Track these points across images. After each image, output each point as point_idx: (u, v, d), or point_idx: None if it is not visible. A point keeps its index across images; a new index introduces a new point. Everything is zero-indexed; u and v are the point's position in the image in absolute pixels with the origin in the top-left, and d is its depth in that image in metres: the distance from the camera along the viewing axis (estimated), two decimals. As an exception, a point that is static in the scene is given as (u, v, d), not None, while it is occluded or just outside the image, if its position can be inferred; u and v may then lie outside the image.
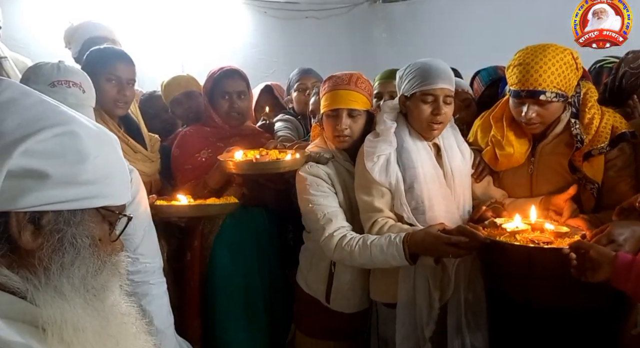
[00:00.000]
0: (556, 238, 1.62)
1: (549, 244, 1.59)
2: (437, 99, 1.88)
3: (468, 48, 4.67)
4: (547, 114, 1.82)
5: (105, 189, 0.83)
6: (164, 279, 2.15)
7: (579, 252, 1.50)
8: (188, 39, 4.62)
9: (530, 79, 1.76)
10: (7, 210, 0.74)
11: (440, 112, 1.88)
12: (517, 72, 1.81)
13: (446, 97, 1.89)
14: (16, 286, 0.75)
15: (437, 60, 1.93)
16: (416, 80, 1.89)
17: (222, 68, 2.46)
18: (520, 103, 1.83)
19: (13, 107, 0.78)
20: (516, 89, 1.82)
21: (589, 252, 1.47)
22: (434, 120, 1.89)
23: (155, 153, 2.37)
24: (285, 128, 2.77)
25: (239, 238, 2.39)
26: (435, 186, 1.92)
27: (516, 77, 1.81)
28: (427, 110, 1.89)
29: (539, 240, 1.60)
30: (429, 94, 1.87)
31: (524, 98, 1.81)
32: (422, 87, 1.87)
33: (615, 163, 1.81)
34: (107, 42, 2.68)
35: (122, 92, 2.15)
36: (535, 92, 1.77)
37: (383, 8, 5.82)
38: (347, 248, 1.85)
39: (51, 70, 1.78)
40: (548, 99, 1.77)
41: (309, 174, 2.00)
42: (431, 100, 1.88)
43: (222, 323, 2.38)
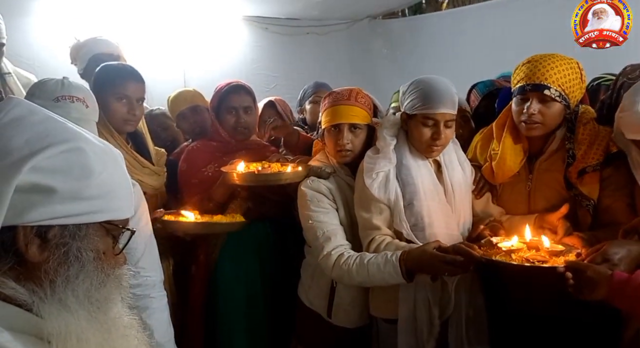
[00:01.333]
0: (551, 256, 1.63)
1: (545, 263, 1.60)
2: (438, 123, 1.88)
3: (467, 64, 4.71)
4: (549, 114, 1.84)
5: (110, 204, 0.86)
6: (164, 292, 2.15)
7: (575, 271, 1.51)
8: (190, 54, 4.66)
9: (537, 73, 1.81)
10: (14, 224, 0.76)
11: (440, 137, 1.89)
12: (524, 69, 1.86)
13: (447, 122, 1.90)
14: (22, 298, 0.77)
15: (441, 81, 1.91)
16: (418, 102, 1.89)
17: (229, 83, 2.50)
18: (524, 100, 1.86)
19: (21, 125, 0.80)
20: (522, 83, 1.85)
21: (586, 272, 1.48)
22: (433, 143, 1.91)
23: (161, 167, 2.40)
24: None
25: (242, 252, 2.42)
26: (435, 202, 1.93)
27: (523, 73, 1.86)
28: (428, 133, 1.90)
29: (534, 259, 1.61)
30: (429, 118, 1.88)
31: (529, 92, 1.83)
32: (424, 110, 1.88)
33: (610, 182, 1.82)
34: (112, 58, 2.73)
35: (132, 112, 2.18)
36: (540, 85, 1.80)
37: (383, 24, 5.89)
38: (344, 267, 1.85)
39: (55, 86, 1.84)
40: (552, 95, 1.80)
41: (311, 188, 2.02)
42: (432, 124, 1.89)
43: (225, 336, 2.40)
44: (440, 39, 5.41)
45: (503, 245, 1.72)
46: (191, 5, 4.46)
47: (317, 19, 5.28)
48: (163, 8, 4.39)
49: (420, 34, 5.61)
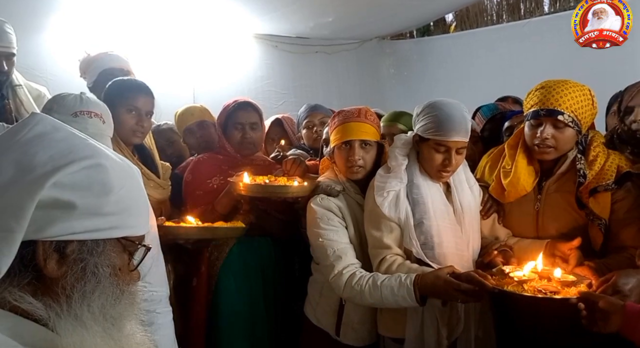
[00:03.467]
0: (563, 287, 1.63)
1: (556, 294, 1.60)
2: (450, 150, 1.89)
3: (474, 87, 4.74)
4: (562, 138, 1.86)
5: (127, 220, 0.86)
6: (170, 308, 2.15)
7: (587, 302, 1.50)
8: (200, 70, 4.71)
9: (551, 98, 1.83)
10: (34, 239, 0.77)
11: (451, 163, 1.90)
12: (538, 94, 1.88)
13: (459, 149, 1.91)
14: (39, 313, 0.77)
15: (456, 108, 1.90)
16: (431, 126, 1.89)
17: (237, 100, 2.53)
18: (538, 124, 1.88)
19: (45, 141, 0.81)
20: (536, 108, 1.87)
21: (598, 303, 1.47)
22: (443, 169, 1.92)
23: (166, 180, 2.42)
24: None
25: (245, 267, 2.41)
26: (445, 222, 1.93)
27: (537, 98, 1.88)
28: (439, 159, 1.91)
29: (546, 290, 1.61)
30: (442, 145, 1.89)
31: (543, 117, 1.85)
32: (436, 137, 1.88)
33: (622, 205, 1.83)
34: (122, 73, 2.77)
35: (140, 123, 2.21)
36: (554, 111, 1.82)
37: (391, 45, 5.95)
38: (357, 287, 1.84)
39: (74, 101, 1.88)
40: (565, 121, 1.82)
41: (320, 206, 2.01)
42: (443, 150, 1.90)
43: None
44: (448, 61, 5.46)
45: (515, 275, 1.72)
46: (203, 21, 4.51)
47: (327, 38, 5.34)
48: (174, 24, 4.44)
49: (428, 55, 5.67)
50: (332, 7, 4.54)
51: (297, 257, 2.53)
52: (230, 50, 4.88)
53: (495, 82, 4.73)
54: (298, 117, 3.09)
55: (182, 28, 4.53)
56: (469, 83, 4.99)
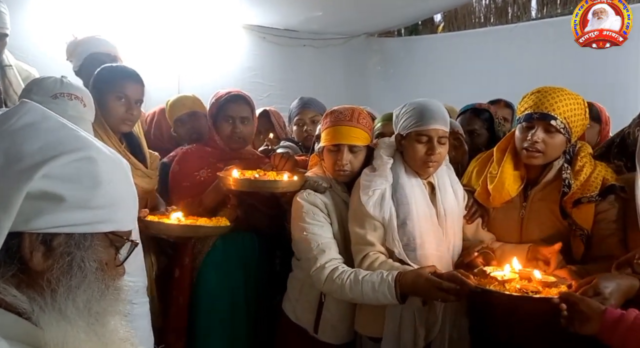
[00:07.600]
0: (544, 287, 1.66)
1: (537, 294, 1.62)
2: (432, 139, 1.93)
3: (458, 87, 4.76)
4: (551, 144, 1.88)
5: (116, 214, 0.85)
6: (147, 299, 2.13)
7: (568, 302, 1.52)
8: (186, 59, 4.63)
9: (545, 103, 1.86)
10: (20, 230, 0.75)
11: (434, 152, 1.92)
12: (533, 97, 1.91)
13: (440, 138, 1.94)
14: (22, 306, 0.75)
15: (433, 101, 1.99)
16: (411, 120, 1.94)
17: (229, 92, 2.48)
18: (530, 127, 1.90)
19: (34, 131, 0.79)
20: (529, 111, 1.89)
21: (579, 304, 1.50)
22: (428, 159, 1.94)
23: (154, 170, 2.38)
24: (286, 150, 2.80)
25: (227, 261, 2.39)
26: (428, 224, 1.95)
27: (532, 101, 1.90)
28: (422, 150, 1.94)
29: (527, 289, 1.63)
30: (423, 135, 1.93)
31: (535, 120, 1.87)
32: (417, 128, 1.93)
33: (605, 216, 1.86)
34: (110, 58, 2.72)
35: (129, 111, 2.17)
36: (547, 115, 1.85)
37: (379, 42, 5.96)
38: (338, 281, 1.85)
39: (54, 84, 1.85)
40: (557, 126, 1.84)
41: (307, 201, 2.02)
42: (425, 140, 1.93)
43: (202, 343, 2.36)
44: (434, 61, 5.50)
45: (496, 275, 1.74)
46: (191, 10, 4.45)
47: (315, 32, 5.33)
48: (160, 11, 4.36)
49: (414, 53, 5.70)
50: (322, 1, 4.53)
51: (279, 251, 2.53)
52: (217, 40, 4.82)
53: (480, 84, 4.78)
54: (290, 110, 3.07)
55: (168, 15, 4.45)
56: (454, 83, 5.02)
